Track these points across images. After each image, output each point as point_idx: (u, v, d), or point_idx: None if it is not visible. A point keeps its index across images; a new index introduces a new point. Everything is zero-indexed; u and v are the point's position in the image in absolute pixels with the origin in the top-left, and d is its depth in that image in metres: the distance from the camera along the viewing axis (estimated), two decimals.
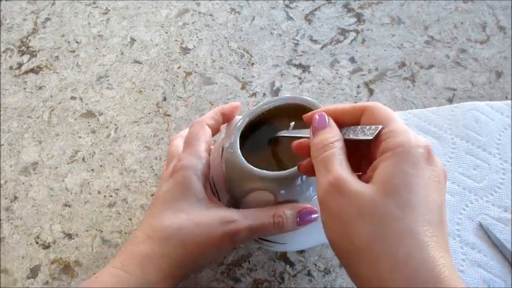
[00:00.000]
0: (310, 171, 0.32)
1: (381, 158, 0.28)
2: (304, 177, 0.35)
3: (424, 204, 0.26)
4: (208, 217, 0.34)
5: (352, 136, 0.30)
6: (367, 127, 0.30)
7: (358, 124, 0.31)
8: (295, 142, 0.34)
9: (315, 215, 0.36)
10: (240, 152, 0.36)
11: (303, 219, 0.35)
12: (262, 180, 0.35)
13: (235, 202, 0.38)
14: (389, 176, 0.27)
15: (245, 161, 0.36)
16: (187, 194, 0.35)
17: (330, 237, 0.29)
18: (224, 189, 0.39)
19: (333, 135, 0.30)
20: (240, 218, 0.35)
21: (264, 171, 0.35)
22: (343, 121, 0.32)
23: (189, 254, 0.34)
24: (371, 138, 0.29)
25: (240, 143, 0.37)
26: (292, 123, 0.38)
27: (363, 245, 0.26)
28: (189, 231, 0.33)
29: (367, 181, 0.28)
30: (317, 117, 0.32)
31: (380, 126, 0.29)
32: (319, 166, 0.30)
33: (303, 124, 0.35)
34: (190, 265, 0.34)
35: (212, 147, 0.41)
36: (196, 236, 0.33)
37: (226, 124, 0.42)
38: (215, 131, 0.41)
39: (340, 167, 0.28)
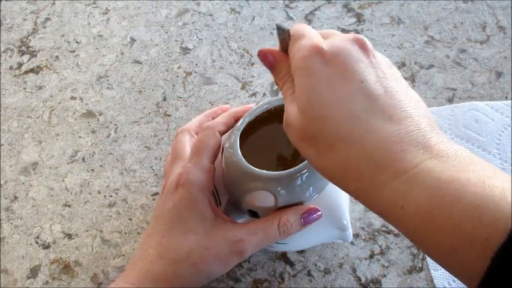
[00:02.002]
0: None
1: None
2: (304, 177, 0.35)
3: (335, 106, 0.27)
4: (215, 239, 0.35)
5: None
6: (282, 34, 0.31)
7: None
8: None
9: (318, 213, 0.36)
10: (240, 152, 0.36)
11: (307, 220, 0.36)
12: (262, 180, 0.35)
13: (235, 202, 0.38)
14: (296, 95, 0.28)
15: (245, 161, 0.36)
16: (193, 212, 0.35)
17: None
18: (224, 189, 0.39)
19: (282, 74, 0.31)
20: (246, 236, 0.35)
21: (264, 171, 0.35)
22: None
23: (199, 273, 0.35)
24: (288, 35, 0.30)
25: (240, 143, 0.37)
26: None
27: (314, 165, 0.28)
28: (198, 254, 0.35)
29: None
30: (260, 55, 0.32)
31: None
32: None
33: None
34: (201, 281, 0.36)
35: None
36: (206, 258, 0.35)
37: None
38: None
39: (289, 99, 0.30)
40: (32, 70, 0.58)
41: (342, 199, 0.39)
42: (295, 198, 0.36)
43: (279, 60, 0.31)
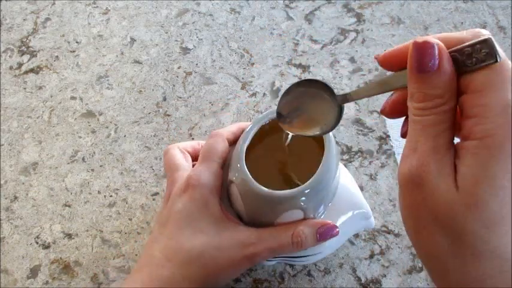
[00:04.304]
0: (394, 112, 0.26)
1: (467, 145, 0.22)
2: (324, 183, 0.34)
3: None
4: (227, 240, 0.34)
5: (466, 61, 0.22)
6: (474, 46, 0.22)
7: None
8: (390, 98, 0.27)
9: (336, 230, 0.35)
10: (257, 184, 0.33)
11: (323, 236, 0.34)
12: (291, 199, 0.33)
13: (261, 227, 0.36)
14: (474, 183, 0.21)
15: (268, 190, 0.33)
16: (204, 213, 0.34)
17: (403, 219, 0.25)
18: (242, 220, 0.37)
19: (442, 90, 0.22)
20: (258, 241, 0.34)
21: (292, 191, 0.33)
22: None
23: (209, 276, 0.34)
24: (493, 61, 0.21)
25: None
26: (291, 134, 0.37)
27: (434, 253, 0.23)
28: (209, 255, 0.33)
29: (463, 140, 0.22)
30: (422, 46, 0.22)
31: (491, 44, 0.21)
32: (410, 131, 0.23)
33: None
34: (210, 285, 0.34)
35: None
36: (217, 260, 0.33)
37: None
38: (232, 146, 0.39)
39: (431, 147, 0.22)
40: (32, 70, 0.58)
41: (357, 190, 0.39)
42: (320, 204, 0.35)
43: (445, 70, 0.22)
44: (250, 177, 0.34)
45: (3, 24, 0.62)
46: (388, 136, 0.50)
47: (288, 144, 0.37)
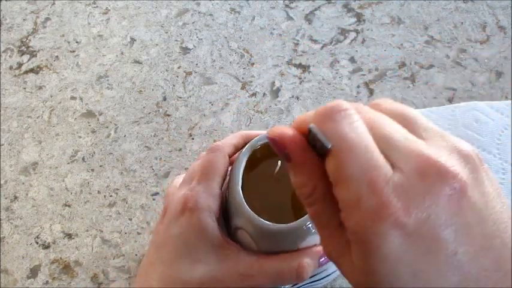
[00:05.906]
0: None
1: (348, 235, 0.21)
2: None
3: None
4: (226, 271, 0.32)
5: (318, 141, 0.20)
6: (309, 134, 0.21)
7: None
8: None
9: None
10: (272, 224, 0.32)
11: (323, 263, 0.34)
12: (307, 230, 0.32)
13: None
14: (362, 272, 0.20)
15: (285, 225, 0.32)
16: (203, 240, 0.32)
17: None
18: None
19: (303, 178, 0.21)
20: (259, 273, 0.32)
21: (301, 218, 0.32)
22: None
23: None
24: (328, 147, 0.20)
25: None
26: (279, 162, 0.35)
27: None
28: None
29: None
30: (270, 140, 0.22)
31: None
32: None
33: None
34: None
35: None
36: None
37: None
38: (232, 159, 0.37)
39: (325, 236, 0.22)
40: (32, 70, 0.58)
41: None
42: None
43: (296, 160, 0.21)
44: (263, 220, 0.32)
45: (3, 24, 0.62)
46: None
47: (277, 171, 0.35)
